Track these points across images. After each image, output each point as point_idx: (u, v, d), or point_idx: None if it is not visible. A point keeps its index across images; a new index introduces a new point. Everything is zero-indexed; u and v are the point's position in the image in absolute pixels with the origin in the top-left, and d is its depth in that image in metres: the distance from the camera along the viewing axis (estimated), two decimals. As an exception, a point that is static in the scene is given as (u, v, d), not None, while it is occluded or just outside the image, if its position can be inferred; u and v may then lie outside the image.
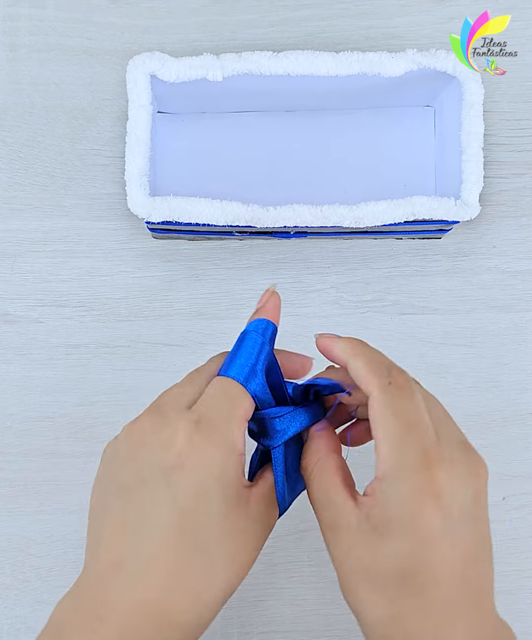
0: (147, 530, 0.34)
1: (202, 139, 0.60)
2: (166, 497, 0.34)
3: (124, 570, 0.34)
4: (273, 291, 0.43)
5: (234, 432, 0.36)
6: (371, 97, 0.58)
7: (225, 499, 0.35)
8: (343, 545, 0.35)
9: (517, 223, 0.61)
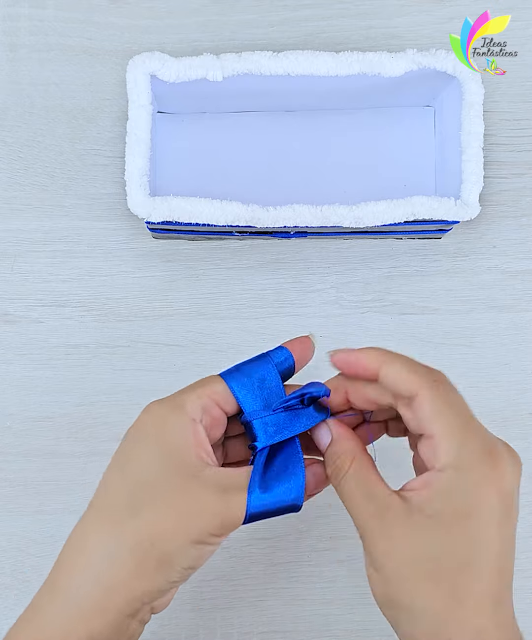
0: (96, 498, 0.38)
1: (202, 139, 0.60)
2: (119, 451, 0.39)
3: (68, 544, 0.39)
4: (307, 337, 0.44)
5: (188, 399, 0.39)
6: (371, 97, 0.58)
7: (162, 446, 0.38)
8: (394, 538, 0.35)
9: (517, 223, 0.61)
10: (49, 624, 0.36)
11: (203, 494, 0.37)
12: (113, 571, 0.36)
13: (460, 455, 0.35)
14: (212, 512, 0.36)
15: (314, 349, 0.43)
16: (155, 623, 0.57)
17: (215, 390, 0.40)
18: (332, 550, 0.58)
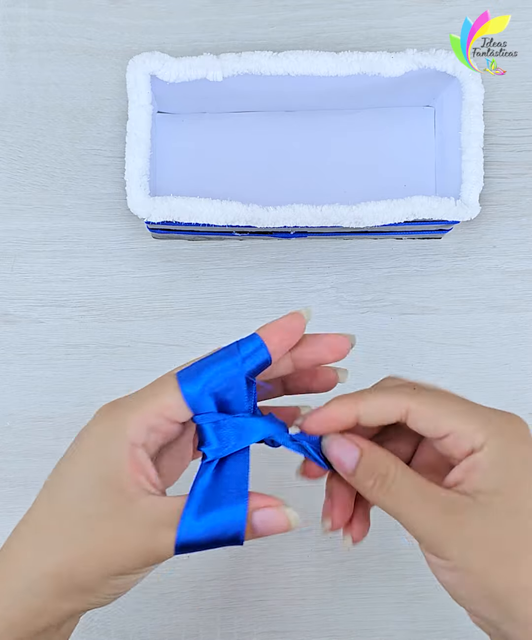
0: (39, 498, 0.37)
1: (202, 139, 0.60)
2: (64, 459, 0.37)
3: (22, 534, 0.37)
4: (297, 313, 0.38)
5: (131, 420, 0.35)
6: (371, 97, 0.58)
7: (97, 472, 0.35)
8: (473, 527, 0.33)
9: (517, 223, 0.61)
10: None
11: (128, 529, 0.34)
12: (35, 597, 0.34)
13: (489, 425, 0.35)
14: (135, 549, 0.34)
15: (304, 329, 0.38)
16: (155, 623, 0.57)
17: (166, 404, 0.35)
18: (332, 550, 0.58)
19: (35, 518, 0.36)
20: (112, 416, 0.36)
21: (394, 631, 0.57)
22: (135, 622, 0.57)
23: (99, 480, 0.34)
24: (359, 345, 0.60)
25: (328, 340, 0.39)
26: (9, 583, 0.35)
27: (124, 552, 0.34)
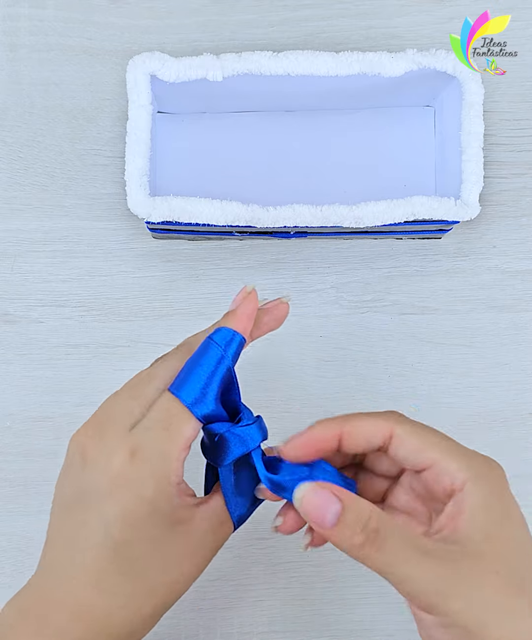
0: (79, 551, 0.35)
1: (202, 139, 0.60)
2: (98, 524, 0.35)
3: (57, 579, 0.36)
4: (250, 292, 0.39)
5: (171, 464, 0.36)
6: (371, 97, 0.58)
7: (157, 527, 0.35)
8: (474, 574, 0.32)
9: (517, 223, 0.61)
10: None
11: (198, 544, 0.37)
12: None
13: (471, 464, 0.34)
14: (208, 555, 0.38)
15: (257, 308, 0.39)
16: (155, 623, 0.57)
17: (190, 436, 0.37)
18: (332, 550, 0.57)
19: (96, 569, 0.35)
20: (148, 469, 0.36)
21: (394, 631, 0.57)
22: (135, 622, 0.57)
23: (155, 526, 0.35)
24: (359, 345, 0.60)
25: (273, 312, 0.40)
26: None
27: (203, 562, 0.37)
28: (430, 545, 0.33)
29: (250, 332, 0.39)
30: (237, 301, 0.39)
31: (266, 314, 0.40)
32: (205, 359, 0.37)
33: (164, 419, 0.36)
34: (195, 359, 0.38)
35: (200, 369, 0.37)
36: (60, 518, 0.37)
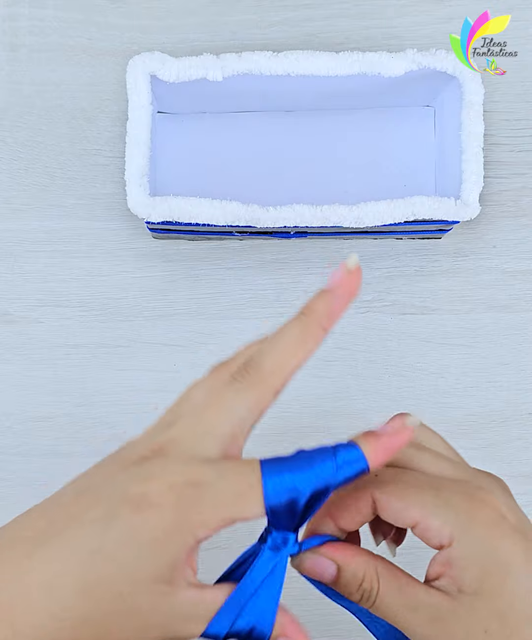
0: (60, 537, 0.31)
1: (202, 139, 0.60)
2: (100, 521, 0.31)
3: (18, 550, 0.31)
4: (407, 427, 0.32)
5: (206, 523, 0.31)
6: (371, 97, 0.58)
7: (148, 564, 0.30)
8: (459, 631, 0.33)
9: (517, 223, 0.61)
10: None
11: (162, 620, 0.31)
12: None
13: (456, 518, 0.33)
14: (160, 637, 0.32)
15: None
16: (155, 623, 0.57)
17: (245, 516, 0.31)
18: (332, 550, 0.58)
19: (58, 576, 0.31)
20: (187, 509, 0.31)
21: (394, 631, 0.57)
22: (135, 622, 0.57)
23: (149, 569, 0.31)
24: (359, 345, 0.60)
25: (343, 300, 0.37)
26: None
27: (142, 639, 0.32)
28: (421, 596, 0.33)
29: None
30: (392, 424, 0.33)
31: (334, 298, 0.36)
32: (313, 466, 0.31)
33: (242, 482, 0.31)
34: (304, 459, 0.32)
35: (301, 470, 0.31)
36: (65, 497, 0.34)
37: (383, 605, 0.34)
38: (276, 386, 0.32)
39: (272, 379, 0.32)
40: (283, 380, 0.33)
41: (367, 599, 0.34)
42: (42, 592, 0.30)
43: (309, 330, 0.33)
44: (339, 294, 0.35)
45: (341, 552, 0.34)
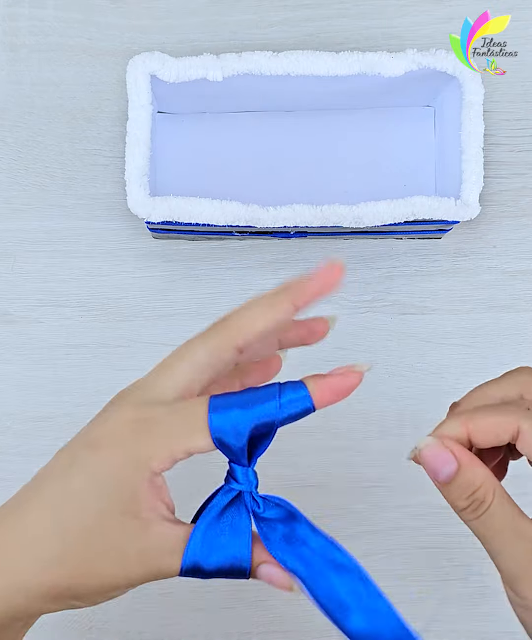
0: (34, 488, 0.37)
1: (202, 139, 0.60)
2: (64, 465, 0.36)
3: None
4: (355, 372, 0.34)
5: (158, 454, 0.33)
6: (371, 97, 0.58)
7: (113, 498, 0.33)
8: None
9: (517, 223, 0.61)
10: None
11: (137, 555, 0.33)
12: (24, 599, 0.33)
13: None
14: (140, 573, 0.33)
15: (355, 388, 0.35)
16: (155, 623, 0.57)
17: (197, 445, 0.33)
18: (332, 550, 0.58)
19: (34, 522, 0.34)
20: (138, 443, 0.34)
21: (394, 631, 0.57)
22: (135, 622, 0.57)
23: (113, 504, 0.33)
24: (359, 345, 0.60)
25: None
26: (1, 583, 0.33)
27: (128, 575, 0.33)
28: (529, 528, 0.33)
29: None
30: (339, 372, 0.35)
31: (310, 280, 0.38)
32: (259, 401, 0.34)
33: (188, 416, 0.34)
34: (252, 394, 0.34)
35: (246, 404, 0.34)
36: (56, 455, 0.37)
37: (489, 521, 0.33)
38: (237, 339, 0.34)
39: (234, 331, 0.34)
40: (244, 336, 0.34)
41: (475, 508, 0.33)
42: (27, 537, 0.34)
43: (278, 300, 0.35)
44: (316, 280, 0.37)
45: (468, 453, 0.34)
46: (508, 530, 0.33)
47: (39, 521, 0.34)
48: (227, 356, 0.35)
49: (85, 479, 0.34)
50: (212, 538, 0.34)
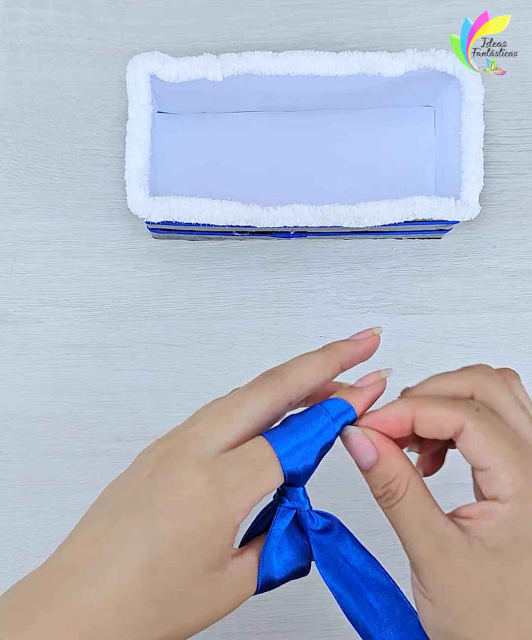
0: (115, 560, 0.34)
1: (202, 139, 0.60)
2: (146, 537, 0.33)
3: (75, 579, 0.34)
4: (382, 377, 0.38)
5: (243, 506, 0.34)
6: (371, 97, 0.58)
7: (202, 561, 0.34)
8: (454, 571, 0.33)
9: (517, 223, 0.61)
10: None
11: (223, 598, 0.36)
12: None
13: (525, 486, 0.33)
14: (225, 610, 0.36)
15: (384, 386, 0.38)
16: (155, 623, 0.57)
17: (271, 487, 0.35)
18: (332, 550, 0.58)
19: (128, 597, 0.33)
20: (220, 505, 0.34)
21: (394, 631, 0.57)
22: (135, 622, 0.57)
23: (202, 564, 0.34)
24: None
25: (365, 347, 0.40)
26: None
27: (217, 615, 0.36)
28: (439, 523, 0.34)
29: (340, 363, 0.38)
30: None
31: (357, 345, 0.39)
32: (312, 425, 0.35)
33: (256, 460, 0.35)
34: (302, 420, 0.36)
35: (303, 431, 0.35)
36: (102, 520, 0.35)
37: (399, 513, 0.34)
38: (291, 396, 0.36)
39: (290, 388, 0.36)
40: (299, 391, 0.36)
41: (387, 499, 0.35)
42: (116, 612, 0.33)
43: (330, 360, 0.37)
44: (362, 345, 0.39)
45: (388, 446, 0.35)
46: (416, 523, 0.34)
47: (132, 593, 0.33)
48: (281, 411, 0.36)
49: (172, 546, 0.33)
50: (279, 558, 0.38)
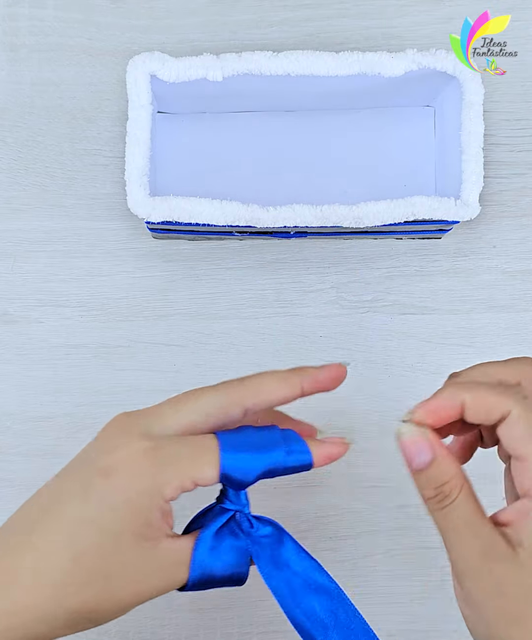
0: (48, 512, 0.36)
1: (202, 139, 0.60)
2: (78, 493, 0.35)
3: (12, 530, 0.36)
4: (345, 445, 0.39)
5: (173, 482, 0.35)
6: (371, 97, 0.58)
7: (127, 523, 0.35)
8: (499, 577, 0.33)
9: (517, 223, 0.61)
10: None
11: (151, 573, 0.36)
12: (45, 626, 0.35)
13: None
14: (154, 589, 0.36)
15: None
16: (155, 623, 0.57)
17: (205, 477, 0.36)
18: (332, 550, 0.58)
19: (49, 549, 0.35)
20: (152, 472, 0.35)
21: (395, 631, 0.57)
22: (135, 622, 0.57)
23: (128, 529, 0.35)
24: (359, 345, 0.60)
25: (329, 374, 0.40)
26: (23, 615, 0.34)
27: (144, 592, 0.36)
28: (485, 529, 0.34)
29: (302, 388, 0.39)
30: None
31: (322, 370, 0.40)
32: (264, 443, 0.37)
33: (198, 447, 0.36)
34: (257, 435, 0.37)
35: (254, 445, 0.37)
36: (50, 481, 0.37)
37: (451, 515, 0.34)
38: (246, 402, 0.37)
39: (248, 392, 0.37)
40: (254, 400, 0.37)
41: (439, 501, 0.35)
42: (43, 563, 0.34)
43: (291, 378, 0.38)
44: (325, 371, 0.39)
45: (444, 448, 0.35)
46: (465, 528, 0.34)
47: (54, 547, 0.35)
48: (234, 413, 0.37)
49: (101, 505, 0.35)
50: (214, 550, 0.37)
